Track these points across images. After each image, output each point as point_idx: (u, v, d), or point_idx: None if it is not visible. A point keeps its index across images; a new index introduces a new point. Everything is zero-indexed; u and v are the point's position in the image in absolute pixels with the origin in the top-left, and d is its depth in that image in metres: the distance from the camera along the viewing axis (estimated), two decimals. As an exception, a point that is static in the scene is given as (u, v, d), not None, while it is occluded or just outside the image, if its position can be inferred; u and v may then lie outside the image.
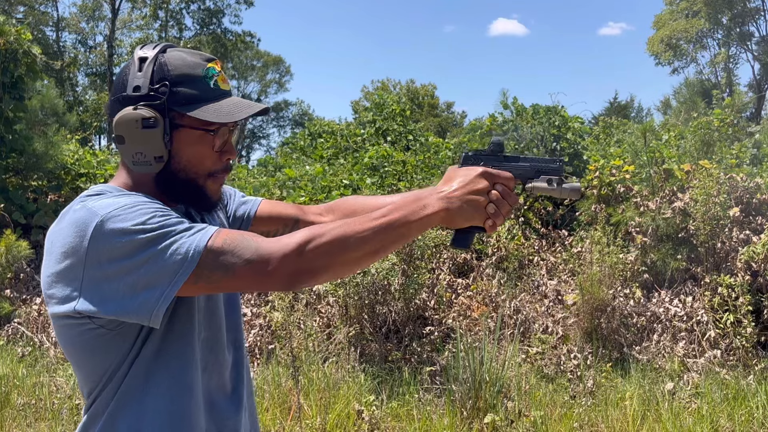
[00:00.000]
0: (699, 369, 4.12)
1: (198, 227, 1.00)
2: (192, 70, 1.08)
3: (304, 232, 0.99)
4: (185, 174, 1.08)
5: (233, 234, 1.00)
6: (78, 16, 29.27)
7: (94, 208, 0.98)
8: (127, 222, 0.95)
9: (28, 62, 6.05)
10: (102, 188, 1.08)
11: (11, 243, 5.24)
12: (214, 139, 1.09)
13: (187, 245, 0.96)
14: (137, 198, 1.01)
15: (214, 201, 1.13)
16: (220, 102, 1.08)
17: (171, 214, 1.00)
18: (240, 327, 1.22)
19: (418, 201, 1.05)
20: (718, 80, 26.85)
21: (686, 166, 5.13)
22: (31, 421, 3.63)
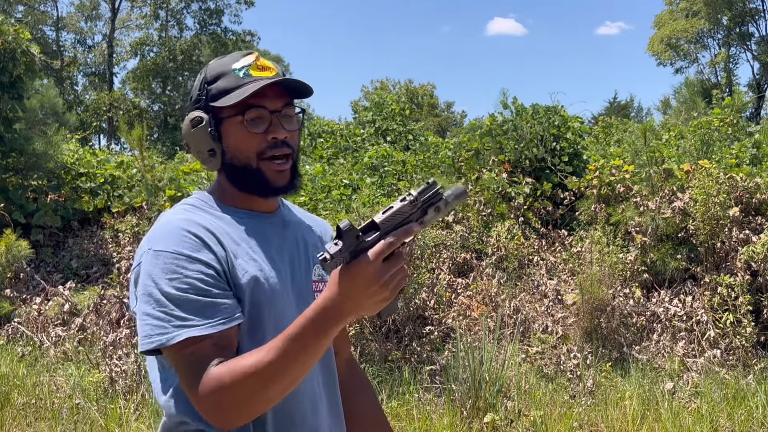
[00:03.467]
0: (699, 369, 4.12)
1: (186, 319, 1.02)
2: (224, 67, 1.16)
3: (213, 384, 1.00)
4: (238, 161, 1.15)
5: (195, 354, 1.02)
6: (76, 16, 29.25)
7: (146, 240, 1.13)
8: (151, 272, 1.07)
9: (26, 61, 6.05)
10: (176, 207, 1.19)
11: (11, 243, 5.24)
12: (245, 121, 1.13)
13: (157, 330, 1.03)
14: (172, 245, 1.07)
15: (279, 185, 1.16)
16: (248, 86, 1.13)
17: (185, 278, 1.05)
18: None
19: (317, 326, 0.98)
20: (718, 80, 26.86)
21: (686, 166, 5.13)
22: (31, 421, 3.63)
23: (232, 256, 1.11)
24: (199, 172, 6.50)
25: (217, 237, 1.11)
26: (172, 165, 7.09)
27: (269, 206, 1.22)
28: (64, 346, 4.55)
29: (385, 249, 0.95)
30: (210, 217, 1.15)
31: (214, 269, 1.07)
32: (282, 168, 1.15)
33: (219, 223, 1.14)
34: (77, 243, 6.06)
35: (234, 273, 1.11)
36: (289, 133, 1.16)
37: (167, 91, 29.39)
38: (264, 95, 1.14)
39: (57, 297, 5.06)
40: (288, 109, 1.17)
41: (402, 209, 0.96)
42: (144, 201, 5.98)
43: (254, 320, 1.11)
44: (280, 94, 1.17)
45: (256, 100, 1.13)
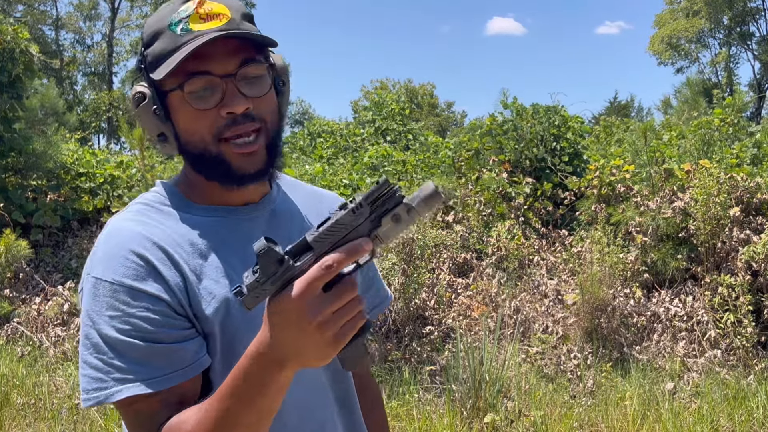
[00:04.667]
0: (699, 369, 4.12)
1: (127, 373, 0.82)
2: (160, 22, 0.88)
3: None
4: (193, 146, 0.89)
5: (140, 414, 0.84)
6: (76, 15, 29.24)
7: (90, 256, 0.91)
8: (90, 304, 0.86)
9: (25, 61, 6.04)
10: (129, 206, 0.96)
11: (11, 242, 5.24)
12: (185, 96, 0.86)
13: (94, 384, 0.84)
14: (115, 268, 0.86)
15: (247, 171, 0.89)
16: (184, 47, 0.84)
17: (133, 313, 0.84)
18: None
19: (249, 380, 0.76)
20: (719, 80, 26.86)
21: (686, 166, 5.12)
22: (31, 421, 3.62)
23: (193, 280, 0.87)
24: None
25: (170, 255, 0.87)
26: (172, 164, 7.09)
27: (250, 195, 0.95)
28: (64, 346, 4.54)
29: (318, 276, 0.69)
30: (168, 223, 0.90)
31: (164, 303, 0.84)
32: (248, 150, 0.87)
33: (179, 231, 0.90)
34: (77, 243, 6.05)
35: (196, 302, 0.87)
36: (252, 100, 0.87)
37: (167, 91, 29.36)
38: (208, 56, 0.84)
39: (56, 297, 5.06)
40: (248, 68, 0.87)
41: (342, 220, 0.72)
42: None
43: (230, 354, 0.88)
44: (234, 50, 0.86)
45: (197, 64, 0.84)
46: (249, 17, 0.91)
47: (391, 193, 0.72)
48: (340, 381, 1.01)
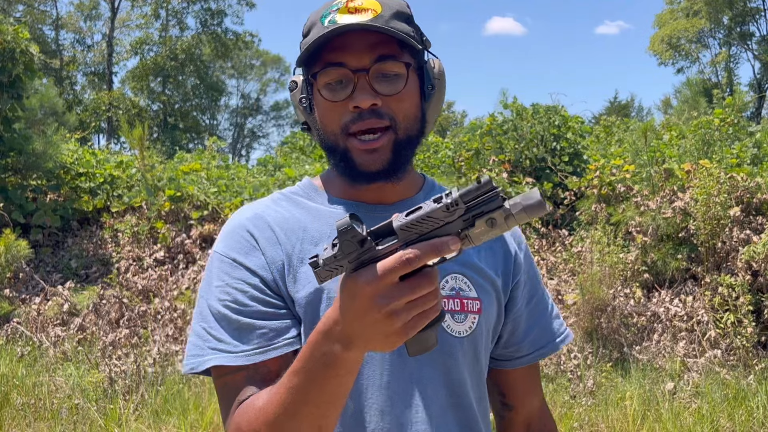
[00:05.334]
0: (699, 369, 4.11)
1: (224, 342, 0.85)
2: (316, 14, 0.89)
3: (233, 429, 0.83)
4: (326, 138, 0.90)
5: (226, 386, 0.86)
6: (76, 15, 29.24)
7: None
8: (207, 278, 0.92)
9: (25, 61, 6.04)
10: (269, 195, 0.99)
11: (10, 242, 5.23)
12: (319, 86, 0.88)
13: (193, 351, 0.87)
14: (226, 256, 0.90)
15: (370, 169, 0.87)
16: (321, 37, 0.84)
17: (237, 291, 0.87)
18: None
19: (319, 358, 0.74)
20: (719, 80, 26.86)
21: (687, 166, 5.12)
22: (31, 421, 3.62)
23: (295, 263, 0.88)
24: (198, 172, 6.49)
25: (278, 236, 0.89)
26: (172, 164, 7.08)
27: (385, 195, 0.93)
28: (64, 346, 4.54)
29: (397, 266, 0.66)
30: (292, 210, 0.93)
31: (260, 278, 0.87)
32: (370, 146, 0.86)
33: (297, 217, 0.92)
34: (76, 243, 6.05)
35: (292, 284, 0.87)
36: (383, 98, 0.85)
37: (167, 90, 29.39)
38: (345, 48, 0.85)
39: (56, 297, 5.05)
40: (384, 64, 0.86)
41: (433, 214, 0.67)
42: (143, 201, 5.97)
43: None
44: (372, 45, 0.85)
45: (333, 56, 0.85)
46: (403, 16, 0.89)
47: (493, 194, 0.68)
48: (460, 405, 0.93)
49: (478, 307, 0.93)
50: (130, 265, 5.39)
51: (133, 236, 5.72)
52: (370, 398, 0.88)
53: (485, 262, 0.96)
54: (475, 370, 0.94)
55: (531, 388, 1.06)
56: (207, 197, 5.84)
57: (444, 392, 0.91)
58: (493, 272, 0.97)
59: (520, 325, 1.01)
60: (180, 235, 5.59)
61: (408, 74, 0.88)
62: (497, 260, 0.98)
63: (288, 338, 0.86)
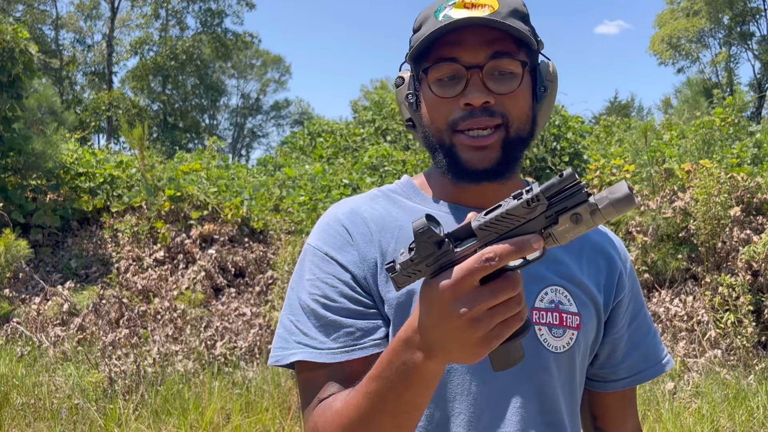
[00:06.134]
0: (699, 369, 4.11)
1: (311, 336, 0.83)
2: (430, 9, 0.88)
3: (310, 428, 0.82)
4: (431, 135, 0.88)
5: (308, 382, 0.84)
6: (76, 15, 29.25)
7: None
8: (298, 272, 0.90)
9: (24, 61, 6.04)
10: (367, 192, 0.97)
11: (10, 242, 5.23)
12: (430, 81, 0.85)
13: (280, 344, 0.86)
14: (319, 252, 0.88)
15: (477, 167, 0.84)
16: (435, 31, 0.82)
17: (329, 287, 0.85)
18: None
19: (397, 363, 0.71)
20: (719, 80, 26.86)
21: (687, 166, 5.12)
22: (30, 421, 3.61)
23: (389, 260, 0.82)
24: (198, 172, 6.49)
25: (374, 233, 0.87)
26: (172, 164, 7.08)
27: (486, 198, 0.87)
28: (63, 346, 4.53)
29: (476, 268, 0.62)
30: (389, 208, 0.90)
31: (350, 275, 0.85)
32: (480, 143, 0.83)
33: (394, 215, 0.89)
34: (76, 243, 6.05)
35: (383, 283, 0.85)
36: (495, 96, 0.83)
37: (167, 90, 29.39)
38: (460, 44, 0.83)
39: (56, 297, 5.05)
40: (499, 61, 0.83)
41: (513, 211, 0.64)
42: (143, 201, 5.96)
43: None
44: (488, 42, 0.83)
45: (447, 51, 0.83)
46: (520, 14, 0.87)
47: (576, 188, 0.63)
48: (549, 411, 0.89)
49: (578, 322, 0.89)
50: (129, 265, 5.39)
51: (133, 236, 5.71)
52: (457, 407, 0.85)
53: (587, 276, 0.92)
54: (569, 388, 0.90)
55: (625, 414, 1.01)
56: (207, 197, 5.84)
57: (535, 408, 0.87)
58: (595, 288, 0.92)
59: (620, 346, 0.96)
60: (180, 235, 5.59)
61: (523, 73, 0.85)
62: (600, 275, 0.93)
63: (375, 339, 0.83)
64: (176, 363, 4.13)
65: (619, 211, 0.63)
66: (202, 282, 5.10)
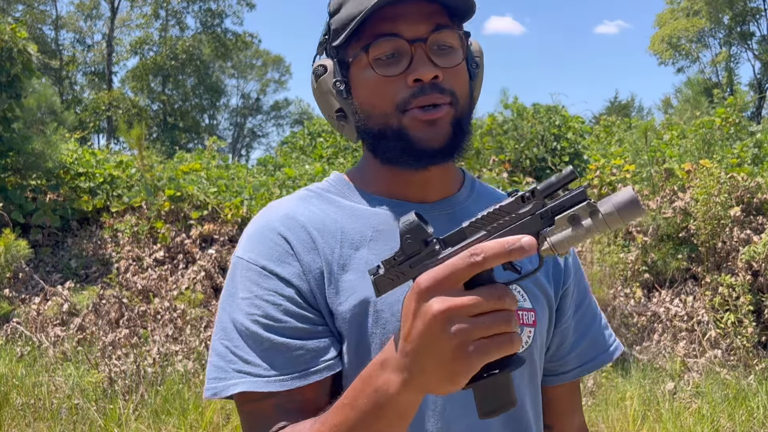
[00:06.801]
0: (699, 369, 4.11)
1: (252, 364, 0.74)
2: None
3: None
4: (374, 121, 0.79)
5: (254, 414, 0.75)
6: (76, 15, 29.26)
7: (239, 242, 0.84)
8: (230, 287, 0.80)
9: (23, 60, 6.04)
10: (295, 193, 0.87)
11: (10, 242, 5.23)
12: (371, 60, 0.76)
13: (215, 374, 0.76)
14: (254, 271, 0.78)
15: (430, 146, 0.77)
16: (375, 4, 0.74)
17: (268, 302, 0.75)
18: None
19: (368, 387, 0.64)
20: (719, 79, 26.86)
21: (687, 166, 5.12)
22: (30, 421, 3.61)
23: (335, 270, 0.76)
24: (198, 172, 6.49)
25: (316, 240, 0.77)
26: (172, 164, 7.08)
27: (428, 192, 0.83)
28: (63, 346, 4.53)
29: (460, 265, 0.55)
30: (326, 209, 0.81)
31: (295, 289, 0.75)
32: (433, 115, 0.76)
33: (334, 217, 0.80)
34: (76, 243, 6.04)
35: (333, 295, 0.76)
36: (442, 70, 0.76)
37: (167, 90, 29.40)
38: (398, 17, 0.75)
39: (56, 297, 5.05)
40: (441, 34, 0.77)
41: (505, 207, 0.59)
42: (143, 201, 5.96)
43: (363, 363, 0.72)
44: (427, 14, 0.76)
45: (384, 26, 0.75)
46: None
47: (576, 190, 0.58)
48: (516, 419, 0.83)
49: (533, 319, 0.83)
50: (129, 265, 5.39)
51: (133, 236, 5.71)
52: (419, 420, 0.78)
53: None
54: (533, 389, 0.86)
55: (572, 407, 0.95)
56: (207, 197, 5.84)
57: (503, 416, 0.81)
58: (544, 278, 0.87)
59: (568, 336, 0.90)
60: (180, 235, 5.59)
61: (463, 47, 0.80)
62: (548, 263, 0.89)
63: (328, 360, 0.75)
64: (176, 363, 4.13)
65: (624, 217, 0.57)
66: (202, 282, 5.09)
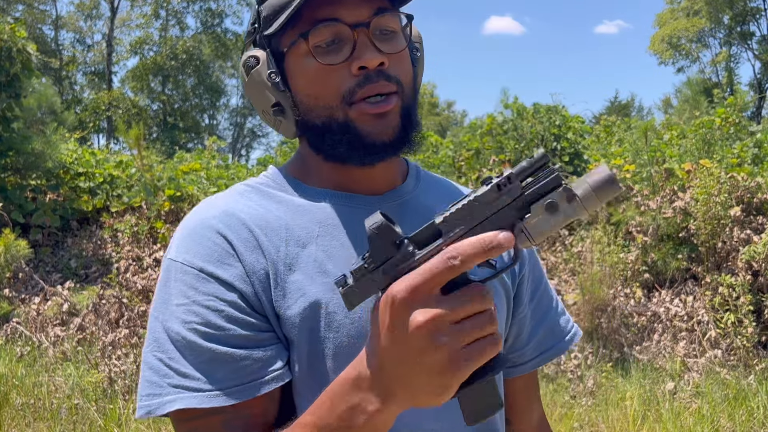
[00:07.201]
0: (699, 369, 4.11)
1: (188, 377, 0.66)
2: None
3: None
4: (316, 114, 0.72)
5: (199, 430, 0.67)
6: (76, 15, 29.26)
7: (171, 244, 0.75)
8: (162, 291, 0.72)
9: (22, 60, 6.03)
10: (231, 188, 0.79)
11: (10, 242, 5.23)
12: (311, 47, 0.70)
13: (148, 389, 0.68)
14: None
15: (379, 139, 0.71)
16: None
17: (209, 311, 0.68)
18: None
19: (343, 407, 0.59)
20: (719, 79, 26.86)
21: (687, 166, 5.12)
22: (30, 421, 3.61)
23: (281, 270, 0.70)
24: (198, 172, 6.49)
25: (258, 238, 0.71)
26: (171, 164, 7.08)
27: (375, 183, 0.77)
28: (63, 346, 4.53)
29: (436, 270, 0.52)
30: (267, 205, 0.75)
31: (238, 293, 0.68)
32: (382, 108, 0.70)
33: (277, 213, 0.74)
34: (76, 243, 6.04)
35: (279, 297, 0.69)
36: (387, 56, 0.70)
37: (167, 90, 29.41)
38: (337, 1, 0.70)
39: (56, 297, 5.05)
40: (383, 18, 0.71)
41: (481, 197, 0.54)
42: (143, 201, 5.96)
43: (315, 370, 0.69)
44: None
45: (323, 11, 0.69)
46: None
47: (549, 172, 0.53)
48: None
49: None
50: (129, 265, 5.39)
51: (133, 236, 5.71)
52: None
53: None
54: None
55: (531, 400, 0.91)
56: (207, 197, 5.84)
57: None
58: (501, 266, 0.83)
59: (525, 325, 0.86)
60: (180, 234, 5.59)
61: (406, 31, 0.74)
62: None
63: (276, 370, 0.68)
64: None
65: (600, 197, 0.53)
66: (202, 282, 5.09)
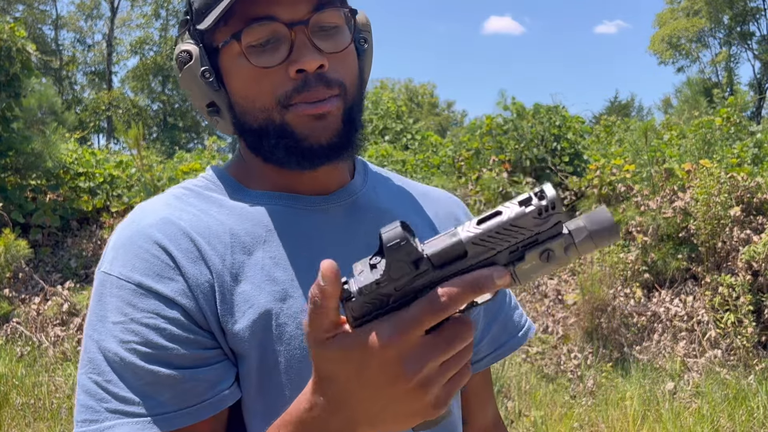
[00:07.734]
0: (699, 369, 4.11)
1: (128, 403, 0.61)
2: None
3: None
4: (252, 117, 0.68)
5: None
6: (76, 15, 29.27)
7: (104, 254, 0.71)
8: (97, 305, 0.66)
9: (22, 59, 6.03)
10: (165, 193, 0.74)
11: (10, 242, 5.23)
12: (244, 48, 0.65)
13: (85, 415, 0.62)
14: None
15: (317, 142, 0.66)
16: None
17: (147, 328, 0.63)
18: None
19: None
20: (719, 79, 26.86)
21: (687, 166, 5.12)
22: (30, 421, 3.61)
23: (226, 281, 0.65)
24: (198, 172, 6.49)
25: (201, 248, 0.66)
26: (171, 164, 7.09)
27: (322, 183, 0.72)
28: (63, 346, 4.53)
29: (426, 317, 0.48)
30: (208, 210, 0.70)
31: (180, 308, 0.63)
32: (321, 109, 0.65)
33: (219, 219, 0.69)
34: (76, 243, 6.04)
35: (226, 311, 0.64)
36: (328, 57, 0.66)
37: (167, 90, 29.41)
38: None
39: (56, 297, 5.05)
40: (323, 14, 0.66)
41: (521, 221, 0.48)
42: (143, 200, 5.97)
43: (268, 387, 0.66)
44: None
45: (257, 8, 0.65)
46: None
47: (555, 217, 0.48)
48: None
49: None
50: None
51: (133, 236, 5.72)
52: None
53: None
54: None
55: (485, 398, 0.87)
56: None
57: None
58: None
59: (479, 321, 0.81)
60: (180, 234, 5.59)
61: (350, 26, 0.69)
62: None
63: (223, 390, 0.64)
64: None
65: (598, 245, 0.49)
66: (202, 282, 5.10)
